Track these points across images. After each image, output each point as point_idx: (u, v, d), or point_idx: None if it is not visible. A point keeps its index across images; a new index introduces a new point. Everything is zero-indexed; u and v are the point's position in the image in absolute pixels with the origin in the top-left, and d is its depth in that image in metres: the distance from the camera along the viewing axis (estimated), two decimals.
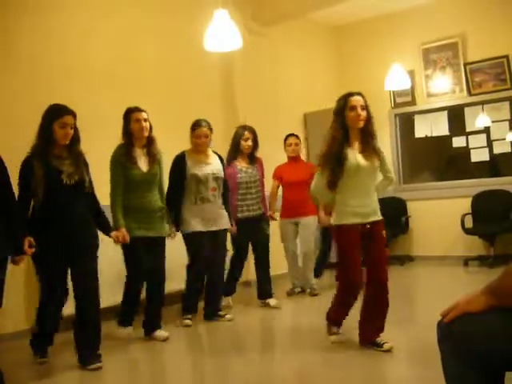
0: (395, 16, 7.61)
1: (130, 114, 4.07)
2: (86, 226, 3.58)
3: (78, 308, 3.54)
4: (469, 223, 6.90)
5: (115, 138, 4.13)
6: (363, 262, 3.55)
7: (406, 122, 7.86)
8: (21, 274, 4.50)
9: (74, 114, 3.46)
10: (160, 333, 4.15)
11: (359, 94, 3.53)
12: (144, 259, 4.08)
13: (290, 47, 7.38)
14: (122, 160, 4.00)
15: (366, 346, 3.52)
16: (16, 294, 4.47)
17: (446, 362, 1.59)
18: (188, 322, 4.54)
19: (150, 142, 4.13)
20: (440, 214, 7.28)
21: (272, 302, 5.09)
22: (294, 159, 5.63)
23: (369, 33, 7.88)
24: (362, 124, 3.48)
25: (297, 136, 5.70)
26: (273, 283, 5.23)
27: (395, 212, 7.25)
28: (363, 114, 3.46)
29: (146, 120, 4.07)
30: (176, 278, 4.67)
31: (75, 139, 3.51)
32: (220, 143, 5.23)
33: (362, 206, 3.48)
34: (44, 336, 3.68)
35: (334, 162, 3.42)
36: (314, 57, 7.86)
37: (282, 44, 7.22)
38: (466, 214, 6.91)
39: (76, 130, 3.50)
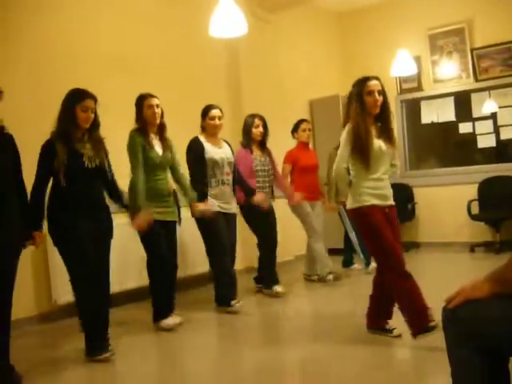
0: (401, 1, 7.55)
1: (143, 101, 4.11)
2: (103, 211, 3.61)
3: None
4: (475, 209, 6.89)
5: (118, 125, 4.13)
6: None
7: (412, 108, 7.82)
8: (28, 262, 4.55)
9: (95, 99, 3.50)
10: (170, 320, 4.11)
11: (376, 78, 3.47)
12: (163, 242, 4.11)
13: (295, 34, 7.35)
14: (142, 143, 4.03)
15: (373, 330, 3.56)
16: (24, 279, 4.52)
17: (451, 346, 1.61)
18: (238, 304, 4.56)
19: (161, 128, 4.19)
20: (446, 201, 7.27)
21: (279, 288, 5.08)
22: (306, 145, 5.64)
23: (374, 19, 7.83)
24: (378, 109, 3.43)
25: (309, 121, 5.71)
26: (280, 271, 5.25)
27: (401, 198, 7.18)
28: (380, 99, 3.42)
29: (158, 106, 4.12)
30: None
31: (95, 124, 3.54)
32: (226, 130, 5.23)
33: (380, 188, 3.44)
34: (96, 337, 3.52)
35: (361, 148, 3.36)
36: (319, 43, 7.82)
37: (288, 31, 7.18)
38: (473, 200, 6.89)
39: (96, 114, 3.53)
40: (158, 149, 4.12)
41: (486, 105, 7.17)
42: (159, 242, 4.07)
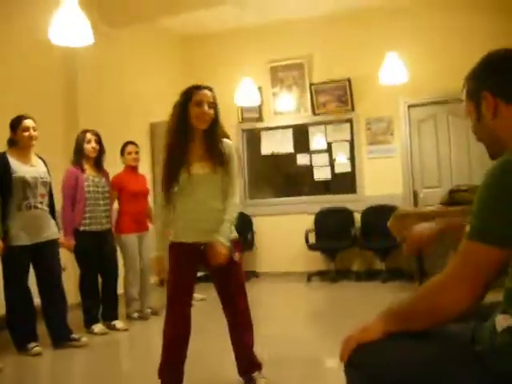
0: (244, 31, 7.57)
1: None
2: None
3: None
4: (312, 239, 7.06)
5: None
6: (217, 292, 3.10)
7: (252, 138, 7.87)
8: None
9: None
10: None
11: (208, 87, 2.98)
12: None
13: (138, 53, 6.97)
14: None
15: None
16: None
17: None
18: (37, 349, 3.97)
19: None
20: (285, 230, 7.35)
21: (119, 323, 4.68)
22: (133, 169, 5.24)
23: (218, 45, 7.76)
24: (206, 125, 2.92)
25: (136, 144, 5.34)
26: None
27: (241, 228, 7.10)
28: (210, 112, 2.92)
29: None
30: None
31: None
32: (59, 148, 4.77)
33: (198, 220, 2.93)
34: None
35: (174, 171, 2.91)
36: (162, 65, 7.54)
37: (130, 49, 6.79)
38: (310, 230, 7.06)
39: None
40: None
41: (322, 138, 7.44)
42: None
